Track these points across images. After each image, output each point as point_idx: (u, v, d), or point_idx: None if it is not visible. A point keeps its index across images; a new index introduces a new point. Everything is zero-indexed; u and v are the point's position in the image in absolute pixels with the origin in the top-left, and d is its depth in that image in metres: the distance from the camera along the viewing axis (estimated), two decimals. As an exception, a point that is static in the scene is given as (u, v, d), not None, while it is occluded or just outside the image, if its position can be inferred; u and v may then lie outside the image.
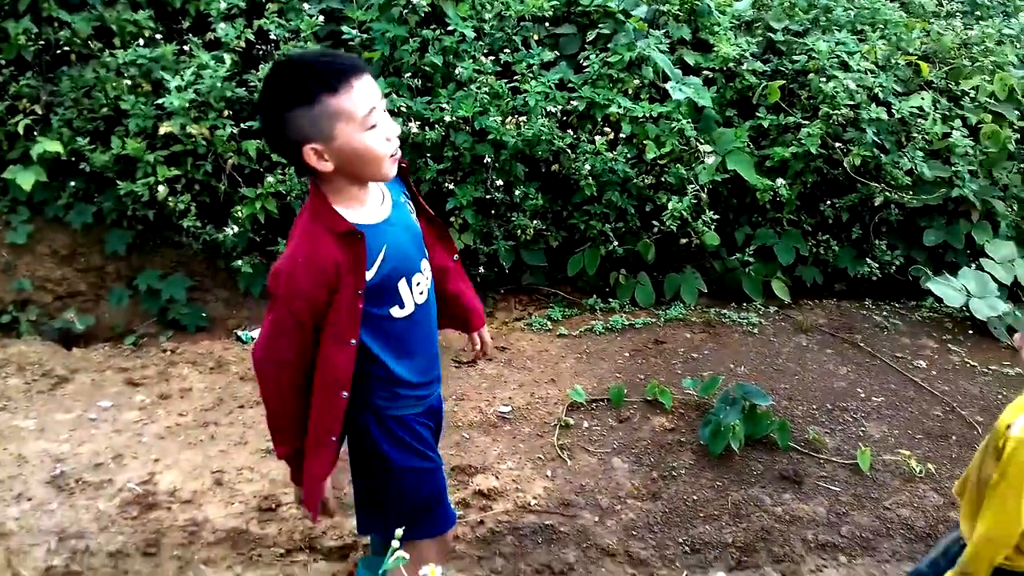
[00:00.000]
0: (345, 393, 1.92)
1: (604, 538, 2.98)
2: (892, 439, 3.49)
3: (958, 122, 4.60)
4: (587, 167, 4.25)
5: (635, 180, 4.35)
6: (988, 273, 4.44)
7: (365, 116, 1.77)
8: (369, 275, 1.87)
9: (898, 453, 3.38)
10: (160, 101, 4.13)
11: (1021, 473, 1.81)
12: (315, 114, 1.75)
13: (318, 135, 1.76)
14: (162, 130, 4.12)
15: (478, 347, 2.40)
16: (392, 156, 1.85)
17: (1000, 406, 3.55)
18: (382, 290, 1.91)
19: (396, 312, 1.95)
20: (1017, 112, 4.78)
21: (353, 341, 1.88)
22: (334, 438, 1.96)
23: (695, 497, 3.16)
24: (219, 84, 4.16)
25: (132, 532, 2.88)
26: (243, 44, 4.33)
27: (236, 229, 4.17)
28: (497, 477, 3.20)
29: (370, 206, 1.93)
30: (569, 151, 4.30)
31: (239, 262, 4.23)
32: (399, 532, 1.54)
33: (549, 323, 4.30)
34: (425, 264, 2.04)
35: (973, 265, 4.52)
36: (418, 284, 1.99)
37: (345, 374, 1.90)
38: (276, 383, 1.92)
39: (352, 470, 2.11)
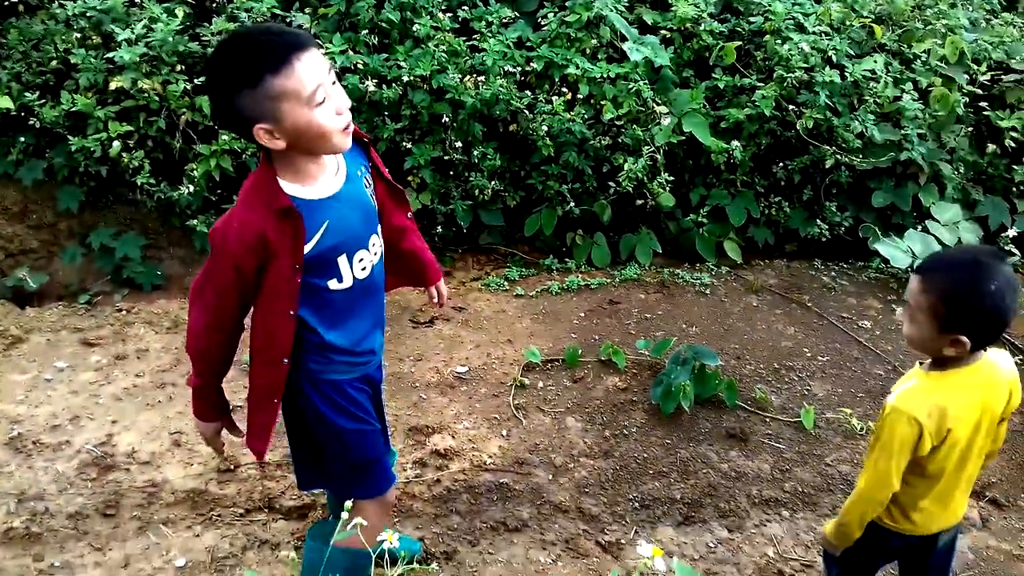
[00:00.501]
0: (286, 360, 1.97)
1: (557, 495, 3.07)
2: (835, 397, 3.62)
3: (909, 85, 4.68)
4: (544, 128, 4.27)
5: (592, 141, 4.38)
6: (933, 235, 4.56)
7: (311, 93, 1.76)
8: (307, 248, 1.89)
9: (840, 411, 3.51)
10: (111, 55, 4.05)
11: (892, 437, 1.92)
12: (260, 95, 1.74)
13: (266, 116, 1.76)
14: (113, 85, 4.05)
15: (435, 300, 2.47)
16: (343, 129, 1.85)
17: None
18: (320, 263, 1.94)
19: (333, 285, 1.98)
20: (966, 76, 4.88)
21: (292, 313, 1.93)
22: (276, 400, 2.02)
23: (645, 455, 3.27)
24: (171, 38, 4.08)
25: (91, 493, 2.91)
26: (196, -3, 4.25)
27: (191, 187, 4.13)
28: (453, 437, 3.27)
29: (320, 180, 1.93)
30: (527, 111, 4.31)
31: (194, 221, 4.20)
32: (349, 504, 1.59)
33: (506, 283, 4.35)
34: (374, 240, 2.06)
35: (919, 227, 4.64)
36: (360, 260, 2.01)
37: (286, 344, 1.95)
38: (195, 318, 1.98)
39: (288, 430, 2.18)
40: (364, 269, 2.03)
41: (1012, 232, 4.80)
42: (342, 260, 1.97)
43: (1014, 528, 3.14)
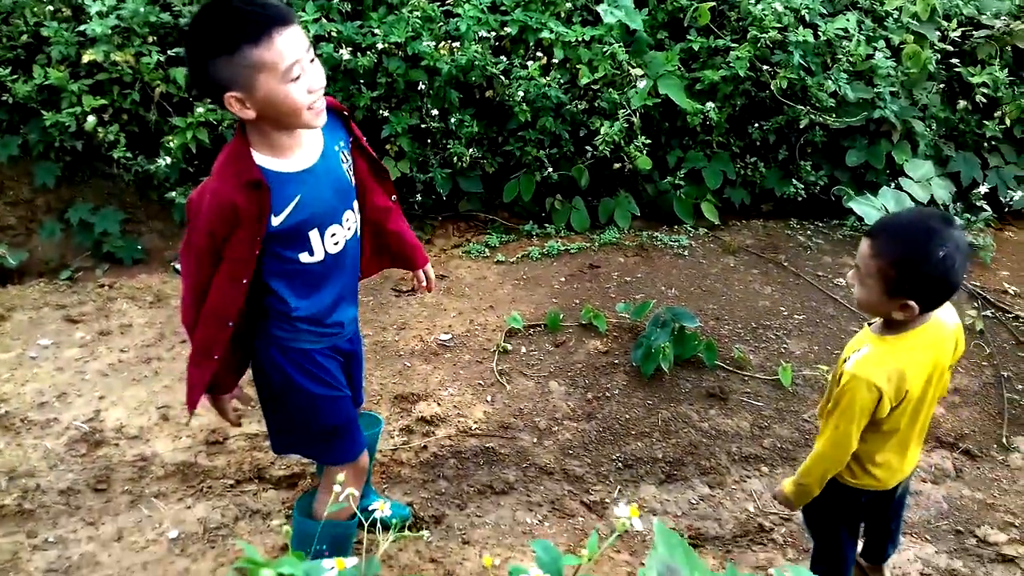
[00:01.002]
0: (231, 324, 1.98)
1: (542, 457, 3.14)
2: (812, 355, 3.70)
3: (881, 43, 4.71)
4: (521, 93, 4.28)
5: (568, 106, 4.40)
6: (906, 192, 4.63)
7: (287, 68, 1.78)
8: (277, 221, 1.91)
9: (817, 368, 3.59)
10: (82, 28, 4.01)
11: (851, 403, 1.98)
12: (236, 63, 1.75)
13: (239, 84, 1.77)
14: (85, 58, 4.01)
15: (423, 284, 2.48)
16: (311, 108, 1.86)
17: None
18: (291, 236, 1.96)
19: (305, 258, 2.00)
20: (938, 32, 4.91)
21: (245, 281, 1.94)
22: (216, 356, 2.02)
23: (627, 416, 3.33)
24: (142, 9, 4.05)
25: (81, 469, 2.94)
26: (166, -34, 4.20)
27: (168, 160, 4.12)
28: (439, 403, 3.32)
29: (294, 154, 1.95)
30: (503, 77, 4.31)
31: (172, 193, 4.19)
32: (340, 478, 1.63)
33: (487, 250, 4.39)
34: (348, 215, 2.07)
35: (893, 184, 4.70)
36: (333, 235, 2.03)
37: (233, 308, 1.96)
38: (184, 288, 2.01)
39: (259, 397, 2.21)
40: (337, 244, 2.05)
41: (983, 188, 4.88)
42: (313, 234, 1.99)
43: (987, 477, 3.24)
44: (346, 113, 2.12)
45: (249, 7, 1.78)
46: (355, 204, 2.12)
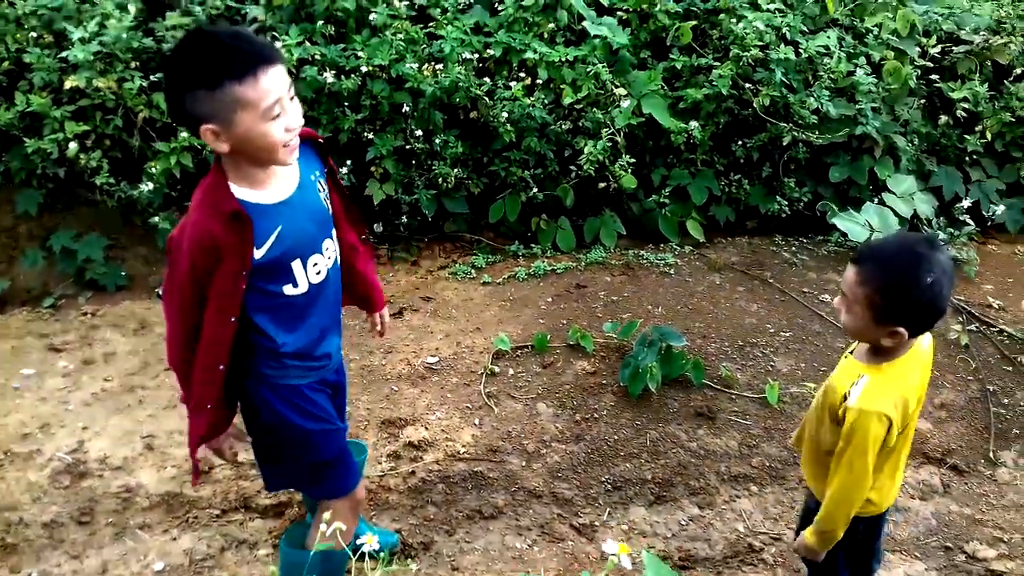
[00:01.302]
0: (222, 367, 1.96)
1: (531, 481, 3.13)
2: (799, 372, 3.70)
3: (862, 59, 4.75)
4: (505, 114, 4.29)
5: (553, 125, 4.41)
6: (889, 207, 4.66)
7: (269, 107, 1.78)
8: (259, 254, 1.90)
9: (804, 385, 3.59)
10: (64, 54, 3.99)
11: (864, 438, 1.94)
12: (217, 98, 1.74)
13: (218, 118, 1.76)
14: (68, 84, 4.00)
15: (378, 327, 2.48)
16: (286, 146, 1.86)
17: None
18: (274, 269, 1.94)
19: (289, 290, 1.99)
20: (918, 48, 4.96)
21: (233, 319, 1.92)
22: (210, 406, 2.01)
23: (616, 437, 3.33)
24: (124, 35, 4.04)
25: (65, 501, 2.91)
26: (148, -9, 4.20)
27: (151, 185, 4.10)
28: (427, 428, 3.31)
29: (271, 185, 1.94)
30: (487, 98, 4.32)
31: (156, 218, 4.18)
32: (327, 516, 1.60)
33: (473, 271, 4.38)
34: (328, 244, 2.06)
35: (876, 200, 4.73)
36: (315, 265, 2.02)
37: (223, 349, 1.95)
38: (169, 329, 2.00)
39: (249, 432, 2.17)
40: (319, 273, 2.04)
41: (966, 203, 4.91)
42: (296, 265, 1.98)
43: (974, 493, 3.25)
44: (321, 141, 2.12)
45: (235, 43, 1.77)
46: (334, 232, 2.11)
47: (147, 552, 2.76)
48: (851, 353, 2.12)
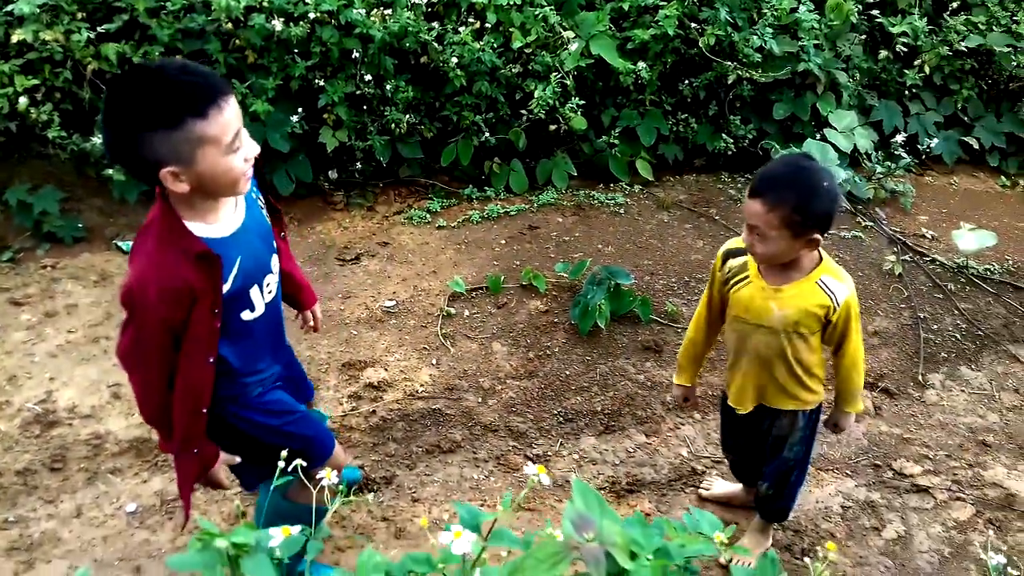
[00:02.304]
0: (205, 410, 1.94)
1: (487, 416, 3.28)
2: (742, 305, 3.87)
3: (806, -4, 4.85)
4: (455, 58, 4.34)
5: (503, 69, 4.47)
6: (831, 143, 4.81)
7: (231, 140, 1.72)
8: (225, 288, 1.86)
9: (746, 318, 3.76)
10: (9, 8, 3.96)
11: (857, 312, 2.30)
12: (178, 138, 1.66)
13: (179, 158, 1.68)
14: (15, 38, 3.96)
15: (311, 323, 2.46)
16: (246, 175, 1.81)
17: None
18: (235, 299, 1.91)
19: (247, 316, 1.96)
20: (860, -16, 5.07)
21: (211, 360, 1.89)
22: (196, 451, 1.99)
23: (567, 372, 3.49)
24: (69, -14, 4.01)
25: (37, 450, 3.01)
26: (91, -59, 4.15)
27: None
28: (386, 369, 3.44)
29: (224, 216, 1.88)
30: (436, 43, 4.36)
31: (110, 171, 4.20)
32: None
33: (428, 215, 4.47)
34: (275, 260, 2.04)
35: (819, 136, 4.88)
36: (268, 285, 2.00)
37: (205, 392, 1.92)
38: (139, 388, 1.93)
39: (231, 451, 2.14)
40: (271, 291, 2.02)
41: (901, 137, 5.07)
42: (254, 291, 1.95)
43: (904, 414, 3.46)
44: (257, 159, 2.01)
45: (190, 77, 1.68)
46: (276, 245, 2.09)
47: (119, 495, 2.88)
48: (772, 289, 2.27)
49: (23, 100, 3.98)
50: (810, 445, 2.56)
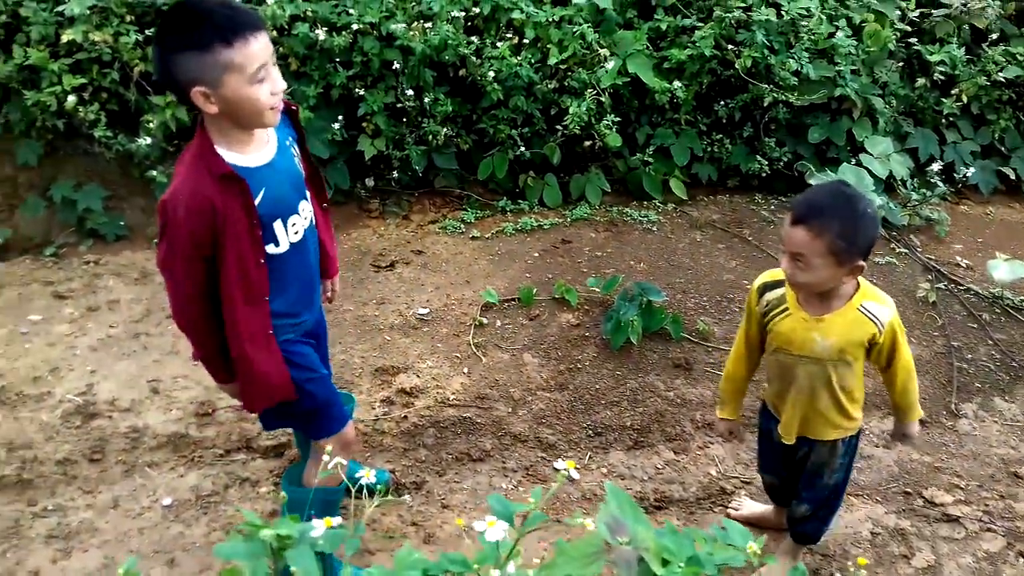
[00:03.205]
0: (267, 298, 2.10)
1: (516, 426, 3.31)
2: (773, 326, 3.88)
3: (843, 21, 4.86)
4: (492, 72, 4.39)
5: (539, 85, 4.52)
6: (866, 168, 4.81)
7: (255, 71, 1.89)
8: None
9: (777, 339, 3.77)
10: (61, 8, 4.07)
11: (902, 330, 2.32)
12: (207, 61, 1.86)
13: (207, 80, 1.88)
14: (65, 38, 4.07)
15: (327, 293, 2.58)
16: (273, 108, 1.98)
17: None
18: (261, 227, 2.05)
19: (271, 249, 2.09)
20: (898, 11, 5.08)
21: (262, 260, 2.05)
22: (270, 331, 2.14)
23: (598, 386, 3.51)
24: (120, -11, 4.11)
25: (77, 440, 3.07)
26: (143, -54, 4.25)
27: (148, 139, 4.20)
28: (418, 376, 3.48)
29: (254, 149, 2.05)
30: (474, 57, 4.42)
31: (153, 172, 4.28)
32: (328, 449, 1.73)
33: (463, 226, 4.52)
34: (304, 205, 2.18)
35: (853, 160, 4.88)
36: (293, 224, 2.13)
37: (263, 284, 2.08)
38: (172, 293, 2.09)
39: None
40: (297, 233, 2.15)
41: (937, 166, 5.07)
42: (278, 225, 2.09)
43: (936, 442, 3.45)
44: (294, 109, 2.23)
45: (224, 10, 1.89)
46: (308, 194, 2.23)
47: (156, 488, 2.93)
48: (801, 305, 2.29)
49: (71, 99, 4.07)
50: (849, 470, 2.56)
